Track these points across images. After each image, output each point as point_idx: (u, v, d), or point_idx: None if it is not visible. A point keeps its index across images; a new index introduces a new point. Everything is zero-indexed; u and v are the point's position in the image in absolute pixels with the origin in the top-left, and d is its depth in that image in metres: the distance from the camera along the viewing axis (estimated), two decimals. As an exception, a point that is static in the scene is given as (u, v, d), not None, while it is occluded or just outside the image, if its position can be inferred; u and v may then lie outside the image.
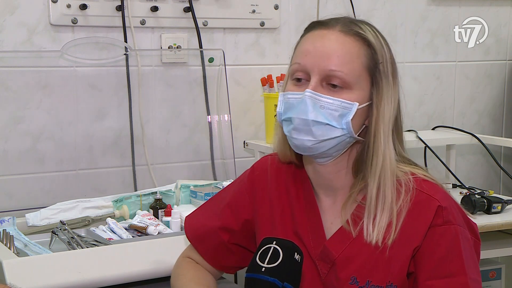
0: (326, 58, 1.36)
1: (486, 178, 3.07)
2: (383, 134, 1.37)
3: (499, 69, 3.05)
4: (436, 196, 1.37)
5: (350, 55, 1.36)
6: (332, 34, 1.38)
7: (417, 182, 1.39)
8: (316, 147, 1.36)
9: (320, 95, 1.35)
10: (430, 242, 1.35)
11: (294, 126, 1.36)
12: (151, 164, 2.41)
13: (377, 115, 1.37)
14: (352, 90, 1.36)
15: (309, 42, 1.40)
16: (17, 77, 2.20)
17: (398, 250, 1.36)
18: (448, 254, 1.34)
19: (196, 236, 1.61)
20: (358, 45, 1.38)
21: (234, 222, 1.55)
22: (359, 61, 1.37)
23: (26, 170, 2.24)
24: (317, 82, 1.36)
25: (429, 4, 2.88)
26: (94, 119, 2.32)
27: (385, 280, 1.36)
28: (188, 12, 2.39)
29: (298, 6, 2.62)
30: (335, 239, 1.42)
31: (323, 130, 1.35)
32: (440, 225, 1.35)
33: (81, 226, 2.02)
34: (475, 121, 3.03)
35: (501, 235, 2.34)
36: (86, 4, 2.23)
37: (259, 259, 1.26)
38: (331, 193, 1.46)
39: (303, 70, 1.38)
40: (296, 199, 1.49)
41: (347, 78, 1.35)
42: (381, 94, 1.38)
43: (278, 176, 1.53)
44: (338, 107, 1.34)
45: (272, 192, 1.52)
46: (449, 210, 1.36)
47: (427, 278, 1.34)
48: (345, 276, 1.39)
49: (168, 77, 2.42)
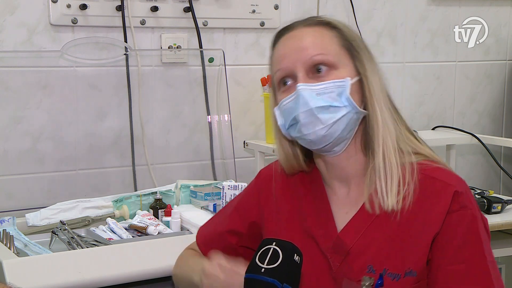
0: (303, 50, 1.39)
1: (486, 178, 3.07)
2: (378, 103, 1.40)
3: (499, 69, 3.05)
4: (452, 182, 1.38)
5: (322, 39, 1.41)
6: (299, 31, 1.43)
7: (431, 170, 1.40)
8: (329, 133, 1.36)
9: (311, 84, 1.37)
10: (449, 228, 1.35)
11: (301, 123, 1.37)
12: (151, 164, 2.41)
13: (368, 86, 1.40)
14: (338, 68, 1.39)
15: (281, 48, 1.44)
16: (17, 77, 2.20)
17: (416, 238, 1.37)
18: (467, 239, 1.35)
19: (205, 241, 1.61)
20: (326, 29, 1.42)
21: (241, 225, 1.55)
22: (333, 42, 1.41)
23: (26, 170, 2.24)
24: (304, 74, 1.38)
25: (429, 4, 2.88)
26: (94, 119, 2.32)
27: (404, 268, 1.36)
28: (188, 12, 2.39)
29: (298, 6, 2.62)
30: (349, 229, 1.42)
31: (329, 113, 1.36)
32: (457, 211, 1.36)
33: (81, 226, 2.02)
34: (475, 121, 3.03)
35: (501, 235, 2.34)
36: (86, 4, 2.23)
37: (259, 260, 1.26)
38: (345, 183, 1.46)
39: (287, 73, 1.40)
40: (304, 198, 1.49)
41: (329, 58, 1.38)
42: (365, 66, 1.41)
43: (285, 180, 1.53)
44: (333, 87, 1.37)
45: (279, 195, 1.52)
46: (465, 195, 1.37)
47: (448, 263, 1.35)
48: (360, 266, 1.38)
49: (168, 77, 2.43)
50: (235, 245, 1.56)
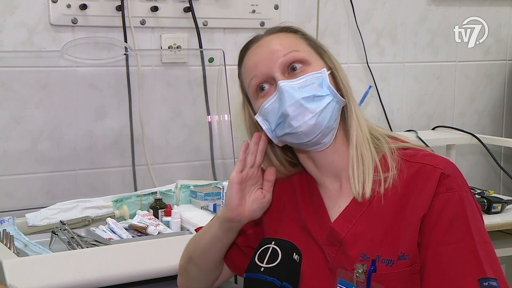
0: (274, 52, 1.43)
1: (486, 178, 3.07)
2: (350, 94, 1.45)
3: (499, 69, 3.05)
4: (440, 166, 1.39)
5: (288, 39, 1.46)
6: (265, 40, 1.48)
7: (421, 157, 1.42)
8: (319, 121, 1.38)
9: (292, 81, 1.40)
10: (435, 210, 1.37)
11: (290, 116, 1.37)
12: (151, 164, 2.41)
13: (340, 78, 1.44)
14: (311, 64, 1.42)
15: (251, 57, 1.47)
16: (17, 77, 2.20)
17: (407, 222, 1.38)
18: (454, 220, 1.36)
19: None
20: (290, 33, 1.48)
21: (247, 224, 1.55)
22: (300, 42, 1.46)
23: (26, 170, 2.24)
24: (281, 74, 1.41)
25: (429, 4, 2.88)
26: (94, 119, 2.32)
27: (396, 253, 1.37)
28: (188, 12, 2.39)
29: (298, 6, 2.62)
30: (340, 220, 1.43)
31: (315, 102, 1.38)
32: (443, 193, 1.37)
33: (81, 226, 2.02)
34: (475, 121, 3.03)
35: (501, 235, 2.34)
36: (86, 4, 2.23)
37: (258, 259, 1.27)
38: (336, 178, 1.47)
39: (263, 77, 1.43)
40: (300, 196, 1.51)
41: (301, 55, 1.42)
42: (332, 61, 1.46)
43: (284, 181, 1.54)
44: (312, 79, 1.40)
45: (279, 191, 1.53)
46: (452, 177, 1.38)
47: (435, 245, 1.36)
48: (354, 254, 1.40)
49: (168, 77, 2.42)
50: (240, 246, 1.56)
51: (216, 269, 1.58)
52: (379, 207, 1.40)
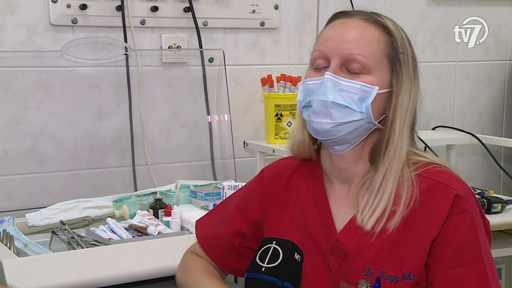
0: (345, 42, 1.37)
1: (486, 178, 3.07)
2: (399, 124, 1.38)
3: (499, 69, 3.05)
4: (453, 185, 1.37)
5: (369, 40, 1.38)
6: (352, 21, 1.41)
7: (433, 173, 1.40)
8: (334, 130, 1.36)
9: (339, 78, 1.36)
10: (448, 232, 1.35)
11: (313, 109, 1.36)
12: (151, 164, 2.41)
13: (395, 104, 1.38)
14: (372, 74, 1.37)
15: (329, 30, 1.42)
16: (17, 77, 2.20)
17: (415, 241, 1.36)
18: (466, 243, 1.34)
19: (207, 242, 1.61)
20: (378, 32, 1.40)
21: (245, 225, 1.55)
22: (379, 47, 1.38)
23: (26, 170, 2.24)
24: (337, 66, 1.37)
25: (429, 4, 2.88)
26: (94, 119, 2.32)
27: (402, 271, 1.35)
28: (188, 12, 2.39)
29: (298, 6, 2.62)
30: (347, 231, 1.41)
31: (342, 113, 1.35)
32: (457, 214, 1.35)
33: (81, 226, 2.02)
34: (475, 121, 3.03)
35: (501, 235, 2.34)
36: (86, 4, 2.23)
37: (259, 259, 1.27)
38: (346, 183, 1.45)
39: (323, 56, 1.39)
40: (306, 198, 1.49)
41: (366, 62, 1.36)
42: (401, 83, 1.39)
43: (290, 178, 1.53)
44: (358, 90, 1.35)
45: (281, 194, 1.52)
46: (466, 198, 1.36)
47: (445, 267, 1.34)
48: (358, 268, 1.38)
49: (168, 77, 2.42)
50: (237, 246, 1.56)
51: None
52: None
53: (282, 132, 2.41)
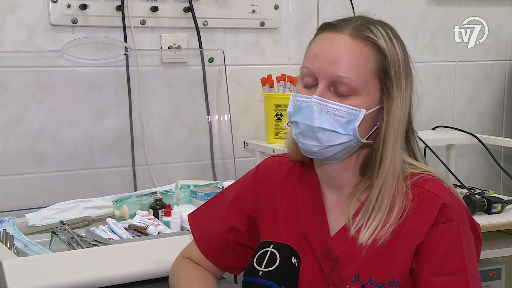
0: (333, 63, 1.35)
1: (486, 178, 3.07)
2: (392, 139, 1.38)
3: (499, 69, 3.05)
4: (441, 194, 1.37)
5: (358, 60, 1.35)
6: (341, 39, 1.37)
7: (422, 181, 1.40)
8: (321, 152, 1.37)
9: (326, 101, 1.35)
10: (433, 239, 1.35)
11: (300, 130, 1.37)
12: (151, 164, 2.41)
13: (387, 120, 1.38)
14: (360, 96, 1.35)
15: (317, 46, 1.40)
16: (17, 77, 2.20)
17: (401, 247, 1.37)
18: (450, 252, 1.35)
19: (203, 239, 1.61)
20: (367, 50, 1.37)
21: (240, 221, 1.55)
22: (367, 67, 1.36)
23: (26, 170, 2.24)
24: (324, 87, 1.36)
25: (429, 4, 2.88)
26: (94, 119, 2.32)
27: (388, 277, 1.36)
28: (188, 12, 2.39)
29: (298, 6, 2.62)
30: (338, 238, 1.42)
31: (328, 136, 1.35)
32: (443, 223, 1.35)
33: (81, 226, 2.02)
34: (475, 121, 3.03)
35: (501, 235, 2.34)
36: (86, 4, 2.23)
37: (256, 262, 1.27)
38: (336, 190, 1.46)
39: (311, 75, 1.38)
40: (302, 198, 1.49)
41: (354, 84, 1.34)
42: (392, 99, 1.38)
43: (285, 176, 1.53)
44: (345, 113, 1.35)
45: (276, 192, 1.52)
46: (452, 208, 1.36)
47: (429, 275, 1.35)
48: (347, 274, 1.39)
49: (168, 77, 2.42)
50: (232, 243, 1.56)
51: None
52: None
53: (282, 132, 2.41)
